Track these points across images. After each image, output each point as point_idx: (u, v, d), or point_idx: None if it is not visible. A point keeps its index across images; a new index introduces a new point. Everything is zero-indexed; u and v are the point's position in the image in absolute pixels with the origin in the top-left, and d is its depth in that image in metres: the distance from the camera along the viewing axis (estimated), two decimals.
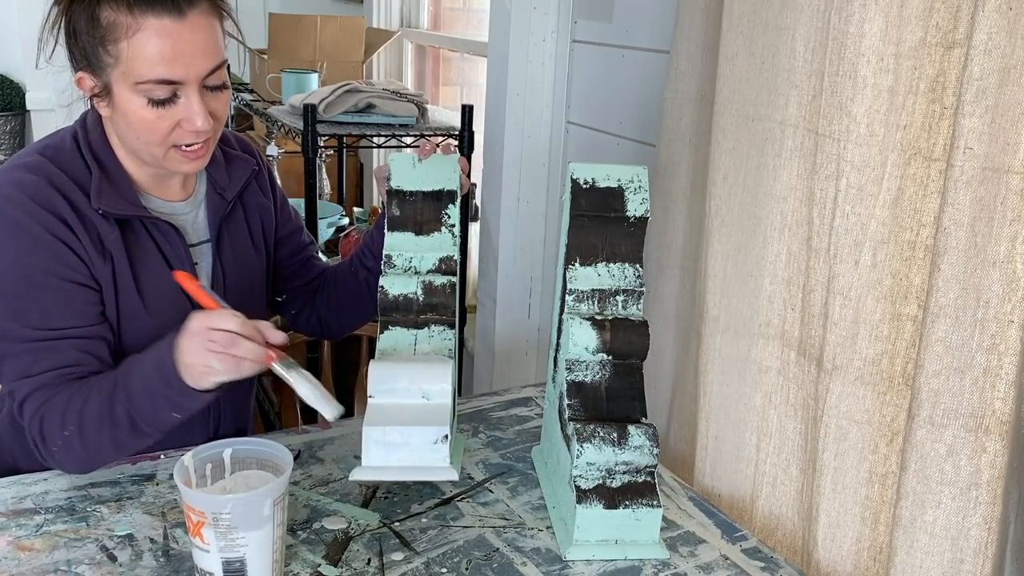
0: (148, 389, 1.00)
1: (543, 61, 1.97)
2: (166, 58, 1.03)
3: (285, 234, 1.36)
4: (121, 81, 1.05)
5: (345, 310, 1.39)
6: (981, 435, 0.99)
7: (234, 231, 1.26)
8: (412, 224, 1.14)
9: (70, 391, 1.04)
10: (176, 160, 1.11)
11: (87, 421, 1.02)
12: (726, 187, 1.27)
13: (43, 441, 1.05)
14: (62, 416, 1.03)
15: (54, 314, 1.06)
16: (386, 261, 1.11)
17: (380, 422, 1.02)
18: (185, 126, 1.07)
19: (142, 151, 1.11)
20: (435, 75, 3.15)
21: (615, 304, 1.08)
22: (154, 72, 1.03)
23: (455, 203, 1.15)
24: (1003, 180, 0.93)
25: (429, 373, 1.05)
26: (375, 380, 1.03)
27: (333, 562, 0.99)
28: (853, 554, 1.16)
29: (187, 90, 1.06)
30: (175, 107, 1.06)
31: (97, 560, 0.97)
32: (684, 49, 1.40)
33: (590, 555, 1.02)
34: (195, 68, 1.05)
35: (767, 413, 1.26)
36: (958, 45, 0.99)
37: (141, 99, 1.05)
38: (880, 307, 1.09)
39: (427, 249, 1.12)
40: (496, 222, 2.11)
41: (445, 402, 1.04)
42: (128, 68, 1.03)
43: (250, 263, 1.28)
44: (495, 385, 2.18)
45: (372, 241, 1.33)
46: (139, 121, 1.06)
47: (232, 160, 1.26)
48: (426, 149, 1.17)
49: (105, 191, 1.10)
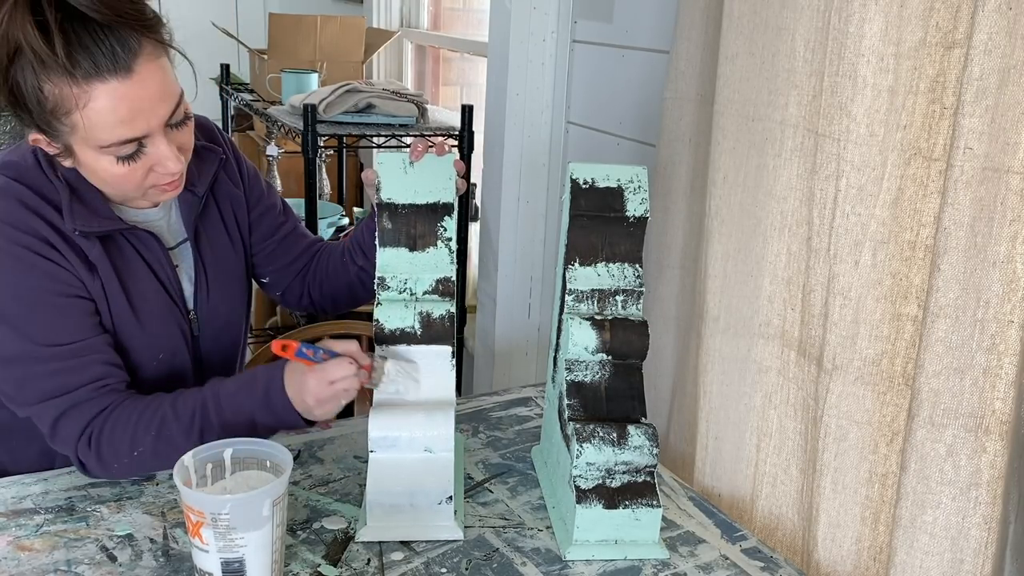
0: (249, 422, 1.06)
1: (543, 61, 1.97)
2: (124, 120, 0.99)
3: (257, 215, 1.32)
4: (83, 144, 1.01)
5: (339, 295, 1.37)
6: (981, 435, 0.99)
7: (210, 226, 1.24)
8: (405, 239, 1.08)
9: (132, 415, 1.06)
10: (154, 195, 1.10)
11: (163, 445, 1.05)
12: (726, 187, 1.27)
13: (99, 458, 1.06)
14: (131, 440, 1.05)
15: (60, 330, 1.05)
16: (379, 283, 1.07)
17: (384, 484, 1.01)
18: (158, 170, 1.05)
19: (117, 197, 1.10)
20: (435, 75, 3.16)
21: (615, 304, 1.08)
22: (115, 135, 0.99)
23: (452, 215, 1.08)
24: (1003, 180, 0.93)
25: (430, 422, 1.02)
26: (375, 434, 1.01)
27: (333, 562, 0.99)
28: (853, 554, 1.15)
29: (153, 139, 1.03)
30: (145, 156, 1.03)
31: (97, 560, 0.97)
32: (684, 49, 1.40)
33: (590, 555, 1.02)
34: (156, 118, 1.01)
35: (767, 413, 1.26)
36: (958, 45, 0.99)
37: (108, 158, 1.02)
38: (880, 307, 1.09)
39: (423, 268, 1.07)
40: (496, 222, 2.11)
41: (448, 455, 1.02)
42: (87, 135, 1.00)
43: (229, 256, 1.27)
44: (495, 385, 2.18)
45: (362, 238, 1.32)
46: (111, 176, 1.04)
47: (199, 153, 1.20)
48: (418, 150, 1.10)
49: (77, 211, 1.07)
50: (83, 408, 1.05)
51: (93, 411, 1.06)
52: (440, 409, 1.03)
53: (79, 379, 1.05)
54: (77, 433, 1.05)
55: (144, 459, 1.06)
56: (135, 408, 1.06)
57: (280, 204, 1.37)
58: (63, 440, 1.06)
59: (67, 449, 1.07)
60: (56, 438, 1.07)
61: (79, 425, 1.05)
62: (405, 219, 1.08)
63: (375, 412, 1.02)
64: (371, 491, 1.01)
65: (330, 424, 1.28)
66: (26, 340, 1.04)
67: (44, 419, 1.06)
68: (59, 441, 1.07)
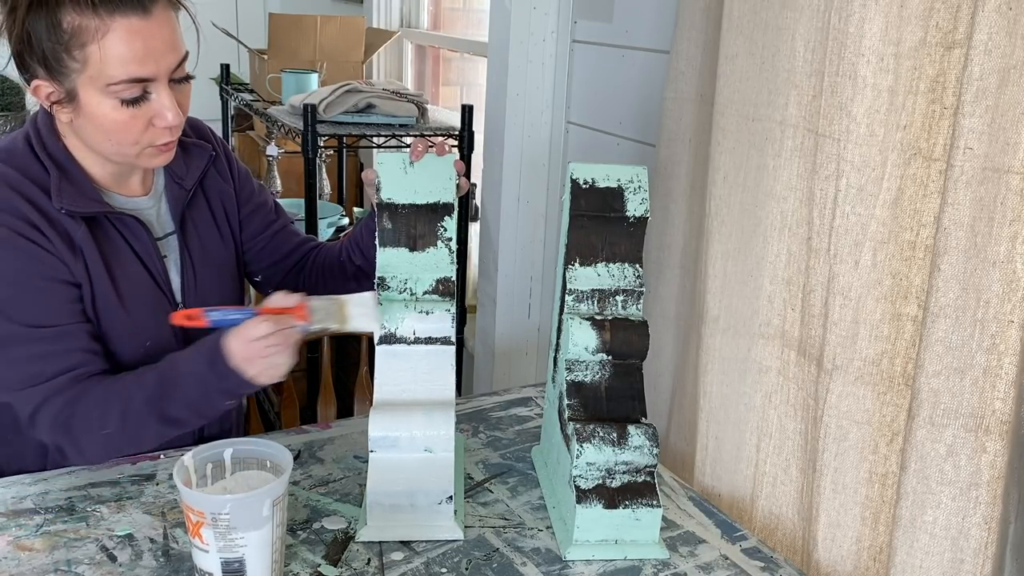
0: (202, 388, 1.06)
1: (543, 61, 1.97)
2: (138, 57, 1.02)
3: (248, 212, 1.33)
4: (89, 85, 1.03)
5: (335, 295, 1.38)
6: (981, 435, 0.99)
7: (198, 220, 1.25)
8: (405, 239, 1.07)
9: (99, 393, 1.07)
10: (147, 156, 1.11)
11: (131, 421, 1.07)
12: (726, 187, 1.27)
13: (73, 442, 1.08)
14: (100, 419, 1.06)
15: (43, 313, 1.06)
16: (379, 283, 1.07)
17: (384, 485, 1.01)
18: (157, 122, 1.07)
19: (112, 153, 1.10)
20: (435, 75, 3.15)
21: (615, 304, 1.08)
22: (126, 72, 1.02)
23: (452, 215, 1.08)
24: (1003, 180, 0.93)
25: (430, 422, 1.02)
26: (375, 434, 1.01)
27: (333, 562, 0.99)
28: (853, 554, 1.16)
29: (157, 86, 1.05)
30: (147, 104, 1.06)
31: (97, 560, 0.97)
32: (684, 49, 1.40)
33: (590, 555, 1.02)
34: (164, 63, 1.05)
35: (767, 413, 1.26)
36: (958, 45, 0.99)
37: (112, 101, 1.04)
38: (880, 307, 1.09)
39: (423, 268, 1.07)
40: (496, 222, 2.11)
41: (448, 455, 1.02)
42: (98, 71, 1.02)
43: (218, 249, 1.28)
44: (495, 385, 2.18)
45: (360, 238, 1.32)
46: (111, 123, 1.05)
47: (188, 148, 1.24)
48: (418, 150, 1.10)
49: (65, 190, 1.08)
50: (59, 396, 1.07)
51: (67, 397, 1.07)
52: (440, 409, 1.03)
53: (57, 367, 1.07)
54: (51, 420, 1.07)
55: (115, 436, 1.08)
56: (101, 387, 1.08)
57: (271, 202, 1.39)
58: (40, 428, 1.08)
59: (44, 437, 1.09)
60: (34, 427, 1.09)
61: (53, 412, 1.07)
62: (405, 219, 1.08)
63: (375, 412, 1.02)
64: (371, 491, 1.01)
65: (330, 424, 1.29)
66: (10, 321, 1.05)
67: (24, 407, 1.08)
68: (37, 429, 1.09)
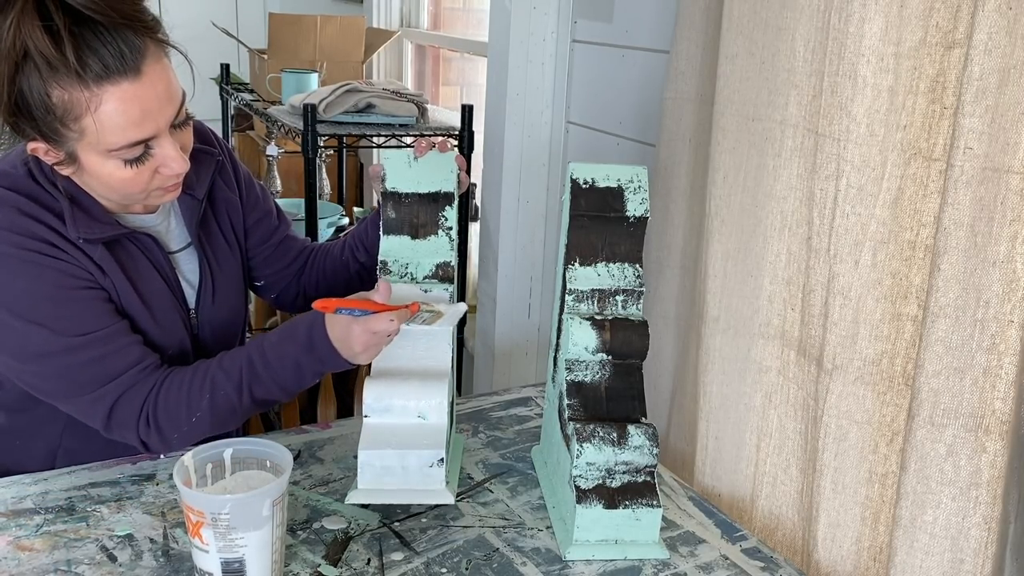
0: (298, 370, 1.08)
1: (543, 61, 1.97)
2: (135, 121, 0.99)
3: (253, 222, 1.33)
4: (89, 150, 1.01)
5: (336, 294, 1.38)
6: (981, 435, 0.99)
7: (208, 232, 1.25)
8: (408, 227, 1.12)
9: (183, 384, 1.08)
10: (155, 196, 1.10)
11: (219, 407, 1.09)
12: (726, 187, 1.27)
13: (159, 433, 1.09)
14: (188, 408, 1.08)
15: (87, 319, 1.06)
16: (381, 267, 1.10)
17: (375, 445, 1.02)
18: (163, 172, 1.05)
19: (119, 199, 1.10)
20: (435, 75, 3.15)
21: (615, 304, 1.08)
22: (125, 138, 0.99)
23: (452, 205, 1.13)
24: (1003, 180, 0.93)
25: (425, 391, 1.04)
26: (370, 399, 1.03)
27: (333, 562, 0.99)
28: (853, 554, 1.16)
29: (159, 140, 1.03)
30: (151, 159, 1.03)
31: (97, 560, 0.97)
32: (684, 49, 1.40)
33: (590, 555, 1.02)
34: (163, 118, 1.02)
35: (767, 413, 1.26)
36: (958, 45, 0.99)
37: (115, 162, 1.02)
38: (880, 307, 1.09)
39: (424, 254, 1.11)
40: (496, 222, 2.11)
41: (441, 422, 1.03)
42: (96, 140, 0.99)
43: (228, 260, 1.28)
44: (495, 385, 2.18)
45: (365, 235, 1.32)
46: (117, 181, 1.04)
47: (195, 155, 1.20)
48: (422, 147, 1.14)
49: (79, 218, 1.07)
50: (135, 391, 1.08)
51: (144, 391, 1.08)
52: (435, 379, 1.05)
53: (122, 364, 1.08)
54: (135, 415, 1.08)
55: (203, 423, 1.09)
56: (184, 377, 1.09)
57: (275, 209, 1.39)
58: (122, 425, 1.08)
59: (127, 433, 1.09)
60: (113, 425, 1.08)
61: (135, 407, 1.07)
62: (408, 208, 1.12)
63: (371, 380, 1.04)
64: (363, 452, 1.02)
65: (330, 424, 1.29)
66: (58, 335, 1.05)
67: (98, 409, 1.08)
68: (117, 427, 1.09)
